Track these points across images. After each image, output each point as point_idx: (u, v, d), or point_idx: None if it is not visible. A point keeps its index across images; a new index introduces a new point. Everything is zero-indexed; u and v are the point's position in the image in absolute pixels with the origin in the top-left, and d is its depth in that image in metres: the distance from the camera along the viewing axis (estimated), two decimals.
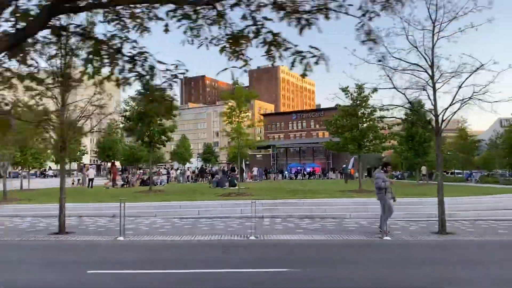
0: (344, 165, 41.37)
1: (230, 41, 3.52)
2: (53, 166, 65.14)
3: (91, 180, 36.51)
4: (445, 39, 12.45)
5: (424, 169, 40.81)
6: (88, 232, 12.12)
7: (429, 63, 12.33)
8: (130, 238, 10.88)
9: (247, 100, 22.13)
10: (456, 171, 57.30)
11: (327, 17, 3.56)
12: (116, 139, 60.76)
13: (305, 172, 62.72)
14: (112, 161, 49.96)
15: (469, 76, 11.82)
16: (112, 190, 29.41)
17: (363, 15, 3.62)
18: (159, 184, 38.64)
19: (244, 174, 51.55)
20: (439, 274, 7.17)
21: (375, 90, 19.64)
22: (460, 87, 12.04)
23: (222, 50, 3.60)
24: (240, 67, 3.78)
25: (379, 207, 15.57)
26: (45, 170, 61.41)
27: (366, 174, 44.00)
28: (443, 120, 12.32)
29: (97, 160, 69.99)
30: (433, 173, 54.10)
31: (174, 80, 3.85)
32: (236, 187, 28.81)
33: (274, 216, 15.41)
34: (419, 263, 8.10)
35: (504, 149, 40.54)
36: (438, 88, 12.36)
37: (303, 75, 3.67)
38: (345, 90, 23.42)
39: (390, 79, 12.18)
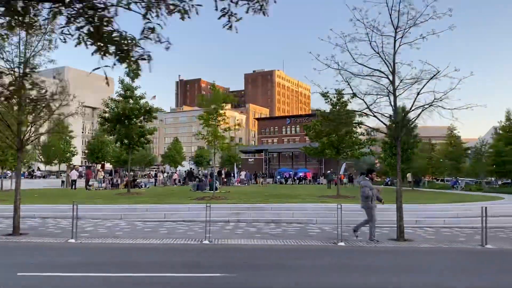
0: (329, 171, 41.38)
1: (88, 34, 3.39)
2: (43, 167, 65.19)
3: (74, 181, 36.50)
4: (407, 45, 12.45)
5: (409, 175, 40.86)
6: (43, 233, 11.99)
7: (391, 69, 12.32)
8: (81, 240, 10.75)
9: (225, 102, 22.05)
10: (446, 178, 57.40)
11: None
12: (106, 141, 60.61)
13: (295, 177, 62.86)
14: (91, 164, 49.55)
15: (427, 82, 11.81)
16: (92, 192, 29.24)
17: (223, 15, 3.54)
18: (143, 186, 38.49)
19: (233, 178, 51.55)
20: (375, 279, 7.11)
21: (339, 93, 19.67)
22: (418, 93, 12.03)
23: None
24: (113, 66, 3.66)
25: (346, 213, 15.61)
26: (33, 170, 61.09)
27: (347, 181, 43.92)
28: (403, 126, 12.29)
29: (86, 162, 69.71)
30: (421, 179, 54.25)
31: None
32: (217, 191, 28.81)
33: (241, 220, 15.33)
34: (360, 269, 8.01)
35: (490, 157, 40.60)
36: (399, 94, 12.34)
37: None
38: (325, 95, 23.41)
39: (348, 84, 12.12)
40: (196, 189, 28.93)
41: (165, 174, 48.22)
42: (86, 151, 64.86)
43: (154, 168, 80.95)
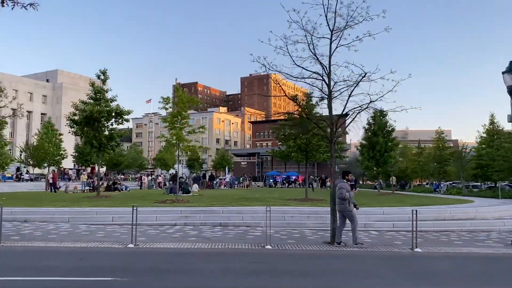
0: (311, 176, 41.41)
1: None
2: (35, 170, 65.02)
3: (53, 184, 36.68)
4: (345, 47, 12.37)
5: (393, 179, 40.69)
6: None
7: (326, 71, 12.23)
8: (4, 243, 10.65)
9: (189, 107, 22.00)
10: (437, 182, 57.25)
11: None
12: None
13: (284, 181, 62.88)
14: (56, 168, 49.00)
15: (356, 85, 11.71)
16: (61, 194, 29.25)
17: None
18: (124, 189, 38.46)
19: (217, 181, 51.48)
20: (269, 284, 7.00)
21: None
22: (349, 95, 11.93)
23: None
24: None
25: (300, 215, 15.57)
26: (21, 174, 61.04)
27: (320, 184, 43.72)
28: (336, 129, 12.21)
29: (74, 165, 69.43)
30: (407, 183, 54.07)
31: None
32: (190, 194, 28.76)
33: (188, 223, 15.22)
34: (261, 273, 7.89)
35: (471, 161, 40.46)
36: (335, 97, 12.24)
37: None
38: (294, 98, 23.34)
39: (280, 86, 12.01)
40: (170, 192, 28.84)
41: (150, 178, 48.12)
42: (75, 154, 64.77)
43: (144, 172, 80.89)
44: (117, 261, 8.94)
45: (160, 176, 50.54)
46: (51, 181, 38.02)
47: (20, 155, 63.96)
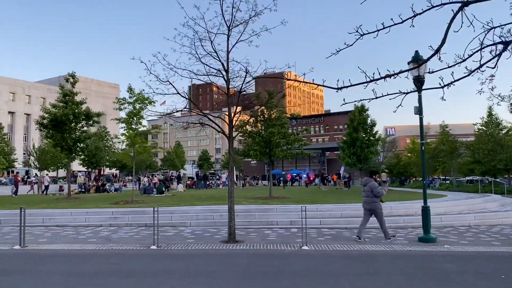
0: (283, 172, 41.12)
1: None
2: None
3: (46, 187, 37.52)
4: (244, 43, 12.13)
5: (384, 175, 39.79)
6: None
7: (225, 67, 12.03)
8: None
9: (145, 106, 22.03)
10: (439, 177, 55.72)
11: None
12: (100, 145, 61.67)
13: (287, 179, 62.73)
14: (17, 171, 49.53)
15: (244, 80, 11.46)
16: (43, 196, 29.93)
17: None
18: (112, 191, 39.03)
19: (217, 180, 51.65)
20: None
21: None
22: (240, 92, 11.69)
23: None
24: None
25: (227, 214, 15.34)
26: (28, 177, 62.58)
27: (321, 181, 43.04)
28: (233, 126, 11.99)
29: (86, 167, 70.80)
30: (407, 179, 52.83)
31: None
32: (163, 194, 28.91)
33: (113, 224, 15.24)
34: (119, 274, 7.80)
35: (465, 156, 39.27)
36: (232, 95, 12.03)
37: None
38: (257, 96, 23.19)
39: (171, 83, 11.84)
40: (144, 193, 29.08)
41: (146, 179, 48.59)
42: (82, 157, 66.08)
43: (152, 173, 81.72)
44: None
45: (156, 176, 50.94)
46: (46, 183, 38.87)
47: (28, 159, 65.84)
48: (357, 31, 3.10)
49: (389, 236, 11.64)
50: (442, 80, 3.27)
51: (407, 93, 3.49)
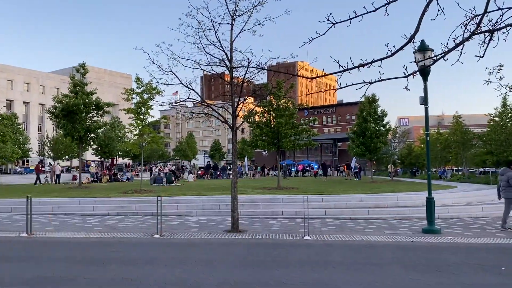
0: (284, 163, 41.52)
1: None
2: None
3: (58, 176, 38.05)
4: (248, 33, 12.11)
5: (390, 166, 39.58)
6: None
7: (229, 57, 12.00)
8: None
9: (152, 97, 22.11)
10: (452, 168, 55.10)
11: None
12: (112, 135, 62.15)
13: (298, 169, 62.85)
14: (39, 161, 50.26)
15: (246, 70, 11.42)
16: (55, 185, 30.33)
17: None
18: (124, 180, 39.49)
19: (228, 171, 51.74)
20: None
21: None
22: (243, 82, 11.66)
23: None
24: None
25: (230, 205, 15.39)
26: (43, 166, 63.46)
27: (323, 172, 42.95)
28: (236, 116, 11.99)
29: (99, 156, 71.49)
30: (418, 169, 52.31)
31: None
32: (173, 184, 29.11)
33: (120, 213, 15.44)
34: (117, 262, 7.91)
35: (477, 147, 38.72)
36: (236, 84, 12.01)
37: None
38: (265, 86, 23.11)
39: (174, 74, 11.86)
40: (154, 183, 29.31)
41: (156, 169, 48.96)
42: (94, 147, 66.69)
43: (166, 162, 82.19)
44: None
45: (167, 166, 51.29)
46: (58, 172, 39.48)
47: (43, 148, 66.80)
48: (328, 19, 3.05)
49: (505, 226, 12.05)
50: (406, 69, 3.23)
51: (391, 78, 3.43)
